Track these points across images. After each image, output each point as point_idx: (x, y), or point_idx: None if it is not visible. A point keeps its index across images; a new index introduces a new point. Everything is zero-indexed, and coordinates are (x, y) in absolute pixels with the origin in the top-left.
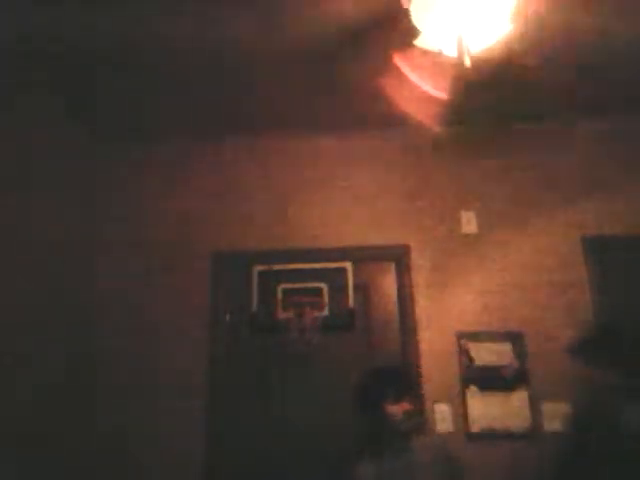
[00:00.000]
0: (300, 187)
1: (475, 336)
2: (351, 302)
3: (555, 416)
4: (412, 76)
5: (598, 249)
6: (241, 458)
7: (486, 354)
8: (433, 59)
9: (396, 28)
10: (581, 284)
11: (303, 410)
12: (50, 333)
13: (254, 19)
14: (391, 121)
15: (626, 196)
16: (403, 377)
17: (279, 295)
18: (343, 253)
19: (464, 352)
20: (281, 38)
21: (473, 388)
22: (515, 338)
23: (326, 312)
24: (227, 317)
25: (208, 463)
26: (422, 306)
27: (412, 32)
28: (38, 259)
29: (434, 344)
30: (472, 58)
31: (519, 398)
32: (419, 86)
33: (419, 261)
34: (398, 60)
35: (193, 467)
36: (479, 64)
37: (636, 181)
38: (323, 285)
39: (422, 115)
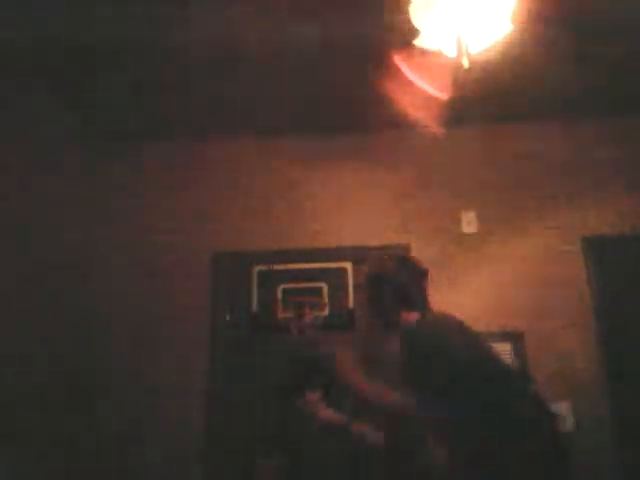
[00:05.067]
0: (300, 187)
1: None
2: (351, 302)
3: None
4: (412, 76)
5: (598, 249)
6: (241, 457)
7: None
8: (432, 59)
9: (396, 28)
10: (581, 284)
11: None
12: (49, 333)
13: (255, 19)
14: (391, 121)
15: (626, 196)
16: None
17: (279, 295)
18: (343, 253)
19: None
20: (281, 39)
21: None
22: (515, 338)
23: (326, 312)
24: (227, 317)
25: (209, 462)
26: None
27: (412, 32)
28: (38, 259)
29: None
30: (471, 58)
31: None
32: (419, 86)
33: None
34: (398, 60)
35: (194, 466)
36: (479, 63)
37: (636, 181)
38: (323, 285)
39: (422, 115)
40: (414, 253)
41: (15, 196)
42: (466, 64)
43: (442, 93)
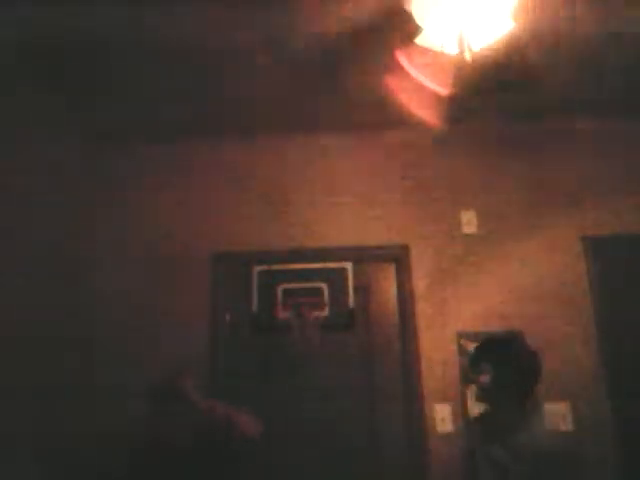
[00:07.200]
0: (300, 187)
1: (475, 336)
2: (351, 302)
3: (555, 416)
4: (413, 74)
5: (598, 249)
6: (240, 457)
7: None
8: (434, 57)
9: (398, 26)
10: (581, 284)
11: (303, 410)
12: (49, 333)
13: (255, 19)
14: (391, 120)
15: (626, 196)
16: None
17: (279, 295)
18: (343, 253)
19: (464, 352)
20: (281, 38)
21: (473, 388)
22: None
23: (326, 312)
24: (227, 317)
25: None
26: (422, 306)
27: (414, 30)
28: (38, 259)
29: (434, 344)
30: (473, 56)
31: None
32: (420, 84)
33: (419, 261)
34: (400, 58)
35: None
36: (480, 62)
37: (636, 181)
38: (323, 285)
39: (423, 114)
40: (414, 253)
41: (15, 196)
42: (469, 61)
43: (442, 91)
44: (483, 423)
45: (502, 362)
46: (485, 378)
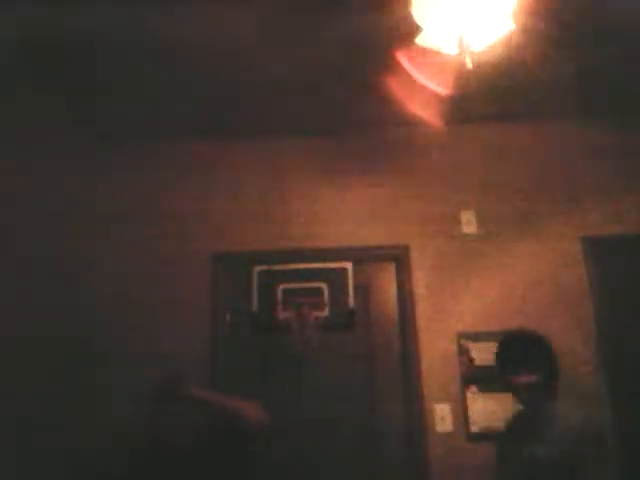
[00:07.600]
0: (300, 187)
1: (475, 336)
2: (351, 302)
3: None
4: (413, 74)
5: (598, 249)
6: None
7: (486, 354)
8: (434, 57)
9: (397, 26)
10: (581, 284)
11: (303, 410)
12: (49, 333)
13: (254, 19)
14: (391, 120)
15: (626, 196)
16: None
17: (279, 295)
18: (343, 253)
19: (464, 352)
20: (281, 38)
21: (473, 388)
22: None
23: (326, 312)
24: (227, 317)
25: None
26: (422, 306)
27: (414, 30)
28: (38, 259)
29: (434, 344)
30: (473, 56)
31: None
32: (420, 84)
33: (419, 261)
34: (399, 58)
35: None
36: (480, 62)
37: (636, 181)
38: (323, 285)
39: (422, 114)
40: (414, 253)
41: (15, 196)
42: (469, 63)
43: (443, 91)
44: (519, 424)
45: (545, 360)
46: (530, 378)
